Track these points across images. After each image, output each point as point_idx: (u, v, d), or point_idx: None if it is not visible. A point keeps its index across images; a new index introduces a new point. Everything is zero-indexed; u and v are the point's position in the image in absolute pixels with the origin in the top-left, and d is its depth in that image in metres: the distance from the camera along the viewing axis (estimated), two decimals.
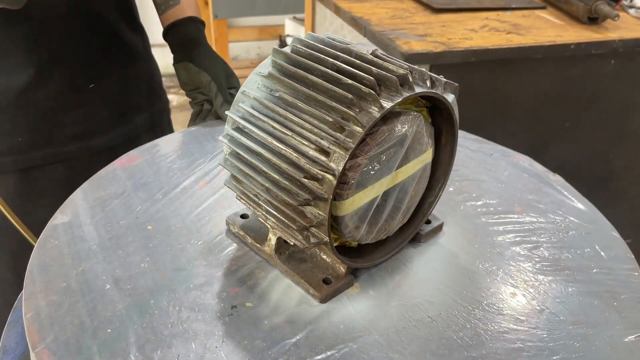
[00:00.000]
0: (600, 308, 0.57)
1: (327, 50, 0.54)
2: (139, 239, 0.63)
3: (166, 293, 0.56)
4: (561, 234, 0.67)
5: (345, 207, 0.52)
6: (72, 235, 0.63)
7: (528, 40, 1.27)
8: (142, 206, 0.68)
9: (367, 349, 0.51)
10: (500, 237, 0.66)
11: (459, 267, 0.62)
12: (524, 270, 0.62)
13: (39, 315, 0.52)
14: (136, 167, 0.77)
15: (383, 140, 0.51)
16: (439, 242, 0.66)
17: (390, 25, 1.36)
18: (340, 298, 0.57)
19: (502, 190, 0.75)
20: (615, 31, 1.35)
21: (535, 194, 0.75)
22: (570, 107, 1.39)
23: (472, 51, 1.22)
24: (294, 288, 0.58)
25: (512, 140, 0.94)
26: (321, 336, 0.52)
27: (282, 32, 3.31)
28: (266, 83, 0.55)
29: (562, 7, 1.49)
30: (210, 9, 2.72)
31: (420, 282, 0.59)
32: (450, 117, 0.59)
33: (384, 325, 0.53)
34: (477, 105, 1.31)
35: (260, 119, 0.54)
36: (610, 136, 1.46)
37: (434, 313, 0.55)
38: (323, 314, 0.55)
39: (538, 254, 0.64)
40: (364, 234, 0.56)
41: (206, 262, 0.60)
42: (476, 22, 1.39)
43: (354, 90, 0.49)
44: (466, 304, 0.56)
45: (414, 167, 0.58)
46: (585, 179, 1.45)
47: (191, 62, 0.89)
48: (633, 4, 1.51)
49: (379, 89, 0.50)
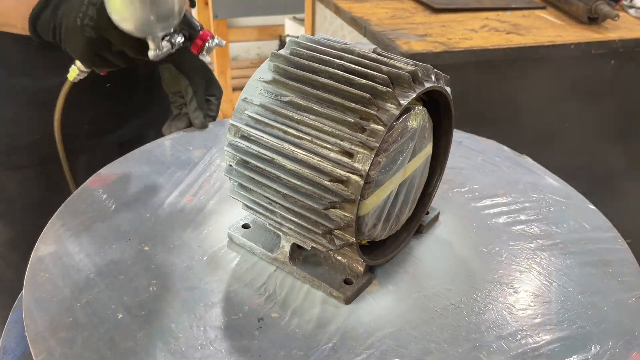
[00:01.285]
0: (598, 276, 0.60)
1: (329, 51, 0.54)
2: (138, 262, 0.59)
3: (185, 314, 0.53)
4: (544, 210, 0.71)
5: (366, 206, 0.52)
6: (63, 265, 0.58)
7: (528, 40, 1.27)
8: (131, 227, 0.64)
9: (404, 343, 0.51)
10: (493, 220, 0.69)
11: (464, 253, 0.64)
12: (523, 248, 0.64)
13: (52, 356, 0.48)
14: (112, 185, 0.72)
15: (398, 136, 0.52)
16: (437, 231, 0.67)
17: (390, 25, 1.36)
18: (363, 297, 0.57)
19: (482, 175, 0.78)
20: (615, 31, 1.35)
21: (512, 176, 0.78)
22: (570, 107, 1.38)
23: (472, 51, 1.22)
24: (314, 292, 0.57)
25: (512, 140, 0.94)
26: (356, 337, 0.52)
27: (282, 32, 3.30)
28: (270, 89, 0.54)
29: (562, 7, 1.49)
30: (210, 9, 2.72)
31: (433, 272, 0.61)
32: (447, 109, 0.60)
33: (412, 318, 0.54)
34: (477, 105, 1.31)
35: (269, 125, 0.53)
36: (610, 136, 1.46)
37: (455, 300, 0.57)
38: (351, 315, 0.54)
39: (530, 231, 0.67)
40: (379, 231, 0.57)
41: (217, 277, 0.58)
42: (476, 22, 1.39)
43: (369, 89, 0.50)
44: (483, 287, 0.58)
45: (419, 160, 0.59)
46: (585, 179, 1.45)
47: (173, 65, 0.89)
48: (633, 4, 1.51)
49: (392, 86, 0.50)
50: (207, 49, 0.80)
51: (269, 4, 2.73)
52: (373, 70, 0.51)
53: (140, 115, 1.06)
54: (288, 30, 3.15)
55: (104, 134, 1.01)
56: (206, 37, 0.79)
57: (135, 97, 1.04)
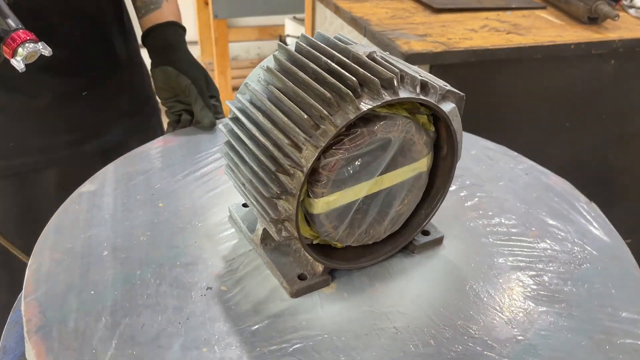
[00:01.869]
0: (587, 349, 0.52)
1: (326, 49, 0.54)
2: (147, 214, 0.67)
3: (153, 266, 0.59)
4: (573, 266, 0.62)
5: (319, 205, 0.52)
6: (92, 203, 0.69)
7: (528, 40, 1.27)
8: (161, 184, 0.73)
9: (320, 349, 0.51)
10: (502, 259, 0.63)
11: (447, 284, 0.59)
12: (515, 295, 0.58)
13: (39, 270, 0.58)
14: (170, 148, 0.82)
15: (362, 143, 0.51)
16: (435, 255, 0.64)
17: (390, 25, 1.36)
18: (313, 295, 0.57)
19: (523, 212, 0.71)
20: (615, 31, 1.35)
21: (560, 220, 0.70)
22: (570, 107, 1.38)
23: (472, 51, 1.21)
24: (271, 279, 0.59)
25: (512, 140, 0.94)
26: (280, 329, 0.53)
27: (282, 32, 3.30)
28: (265, 77, 0.56)
29: (562, 7, 1.49)
30: (210, 9, 2.72)
31: (399, 293, 0.58)
32: (447, 128, 0.58)
33: (346, 329, 0.53)
34: (477, 105, 1.30)
35: (252, 111, 0.55)
36: (610, 136, 1.46)
37: (401, 325, 0.54)
38: (290, 309, 0.55)
39: (538, 281, 0.60)
40: (343, 235, 0.56)
41: (200, 243, 0.63)
42: (476, 22, 1.39)
43: (335, 89, 0.50)
44: (439, 321, 0.54)
45: (404, 174, 0.57)
46: (585, 179, 1.45)
47: (170, 66, 0.87)
48: (633, 4, 1.51)
49: (361, 91, 0.50)
50: (21, 55, 0.60)
51: (269, 4, 2.73)
52: (349, 72, 0.51)
53: (120, 123, 1.03)
54: (288, 30, 3.15)
55: (82, 143, 0.99)
56: (19, 39, 0.60)
57: (115, 105, 1.02)
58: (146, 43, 0.95)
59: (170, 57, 0.90)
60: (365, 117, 0.51)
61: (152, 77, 0.92)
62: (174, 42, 0.93)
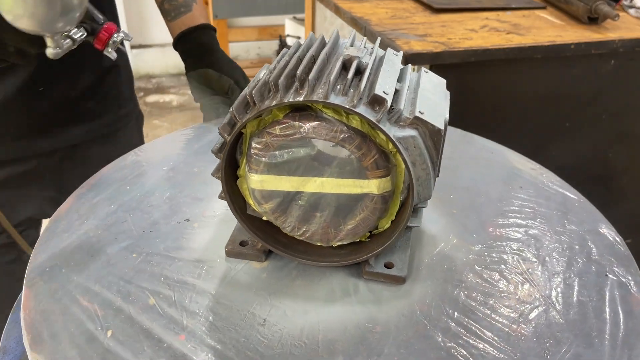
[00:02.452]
0: None
1: (321, 48, 0.57)
2: (162, 183, 0.76)
3: (155, 255, 0.63)
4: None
5: (253, 180, 0.56)
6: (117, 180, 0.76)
7: (528, 40, 1.27)
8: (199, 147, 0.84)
9: (196, 298, 0.56)
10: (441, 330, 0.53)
11: (355, 326, 0.54)
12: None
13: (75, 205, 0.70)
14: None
15: (291, 134, 0.53)
16: (383, 289, 0.58)
17: (390, 25, 1.36)
18: (241, 262, 0.62)
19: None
20: (615, 31, 1.35)
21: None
22: (570, 107, 1.38)
23: (472, 51, 1.21)
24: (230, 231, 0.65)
25: (512, 140, 0.94)
26: (192, 268, 0.60)
27: (282, 32, 3.31)
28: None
29: (562, 7, 1.49)
30: (210, 9, 2.72)
31: (304, 301, 0.57)
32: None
33: (239, 298, 0.57)
34: (477, 105, 1.31)
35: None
36: (610, 136, 1.46)
37: (268, 322, 0.54)
38: (213, 258, 0.62)
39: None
40: (274, 219, 0.59)
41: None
42: (476, 22, 1.39)
43: (288, 78, 0.53)
44: (298, 354, 0.51)
45: (346, 187, 0.55)
46: (585, 179, 1.45)
47: (211, 69, 0.90)
48: (633, 4, 1.51)
49: (299, 87, 0.52)
50: (112, 44, 0.72)
51: (269, 4, 2.73)
52: (295, 70, 0.53)
53: (80, 124, 1.00)
54: (288, 30, 3.15)
55: (35, 138, 0.95)
56: (112, 30, 0.71)
57: (74, 105, 0.98)
58: (179, 47, 0.96)
59: (208, 59, 0.92)
60: (309, 115, 0.53)
61: (188, 79, 0.93)
62: (210, 45, 0.94)
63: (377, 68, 0.57)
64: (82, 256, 0.62)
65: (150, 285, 0.58)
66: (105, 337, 0.51)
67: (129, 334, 0.52)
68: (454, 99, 0.62)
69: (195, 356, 0.50)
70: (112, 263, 0.61)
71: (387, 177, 0.54)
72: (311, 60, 0.55)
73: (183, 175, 0.77)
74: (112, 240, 0.64)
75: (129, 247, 0.63)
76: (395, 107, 0.53)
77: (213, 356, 0.50)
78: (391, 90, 0.53)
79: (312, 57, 0.55)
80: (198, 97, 0.94)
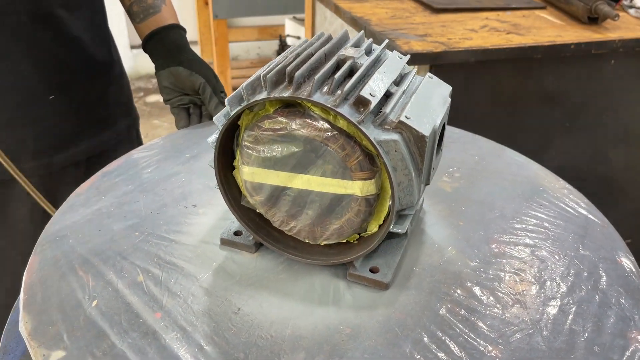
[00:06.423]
0: None
1: (320, 46, 0.58)
2: (176, 164, 0.79)
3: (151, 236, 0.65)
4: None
5: (245, 172, 0.57)
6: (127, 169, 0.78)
7: (528, 40, 1.27)
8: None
9: (181, 280, 0.58)
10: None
11: (325, 326, 0.53)
12: None
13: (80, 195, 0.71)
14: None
15: (276, 129, 0.53)
16: (365, 293, 0.57)
17: (390, 25, 1.36)
18: (233, 250, 0.63)
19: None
20: (615, 31, 1.35)
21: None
22: (570, 107, 1.39)
23: (472, 51, 1.22)
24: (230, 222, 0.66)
25: (512, 140, 0.94)
26: (185, 252, 0.62)
27: (282, 32, 3.31)
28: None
29: (562, 7, 1.49)
30: (210, 9, 2.72)
31: (281, 297, 0.57)
32: None
33: (221, 285, 0.57)
34: (477, 105, 1.31)
35: None
36: (610, 136, 1.46)
37: (241, 313, 0.54)
38: (210, 246, 0.63)
39: None
40: (263, 209, 0.60)
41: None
42: (476, 22, 1.40)
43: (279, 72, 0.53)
44: (264, 344, 0.51)
45: (330, 186, 0.55)
46: (585, 179, 1.45)
47: (181, 66, 0.89)
48: (633, 4, 1.51)
49: (264, 84, 0.53)
50: None
51: (269, 4, 2.73)
52: (288, 66, 0.53)
53: (92, 134, 0.98)
54: (288, 30, 3.15)
55: (53, 154, 0.94)
56: None
57: (85, 113, 0.97)
58: (148, 47, 0.95)
59: (179, 58, 0.91)
60: (297, 111, 0.53)
61: (159, 78, 0.92)
62: (180, 44, 0.93)
63: (372, 70, 0.57)
64: (91, 230, 0.64)
65: (142, 263, 0.60)
66: (89, 306, 0.54)
67: (111, 306, 0.54)
68: (454, 99, 0.62)
69: (165, 334, 0.51)
70: (115, 239, 0.63)
71: (372, 180, 0.53)
72: (306, 58, 0.55)
73: (202, 164, 0.79)
74: (121, 218, 0.66)
75: (134, 226, 0.65)
76: (383, 110, 0.52)
77: (181, 336, 0.51)
78: (380, 93, 0.52)
79: (309, 55, 0.55)
80: (167, 96, 0.92)
